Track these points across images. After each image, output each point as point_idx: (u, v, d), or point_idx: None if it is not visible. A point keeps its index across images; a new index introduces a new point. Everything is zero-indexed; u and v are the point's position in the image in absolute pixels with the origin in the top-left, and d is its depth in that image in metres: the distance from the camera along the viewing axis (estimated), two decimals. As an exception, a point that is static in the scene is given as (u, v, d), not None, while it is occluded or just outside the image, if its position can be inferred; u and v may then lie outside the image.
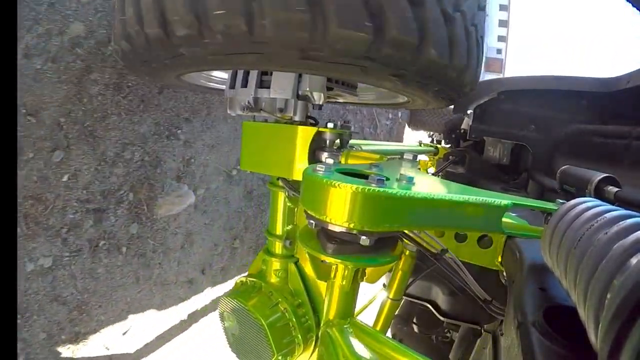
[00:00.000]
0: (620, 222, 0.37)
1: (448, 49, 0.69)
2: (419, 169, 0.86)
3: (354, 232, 0.53)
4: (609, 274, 0.33)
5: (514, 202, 0.56)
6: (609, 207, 0.44)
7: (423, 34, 0.63)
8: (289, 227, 1.01)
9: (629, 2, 0.96)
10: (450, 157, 1.55)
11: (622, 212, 0.41)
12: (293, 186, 0.96)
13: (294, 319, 0.92)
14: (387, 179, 0.54)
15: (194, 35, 0.60)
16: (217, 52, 0.64)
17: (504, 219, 0.58)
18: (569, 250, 0.42)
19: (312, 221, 0.56)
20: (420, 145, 1.78)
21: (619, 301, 0.29)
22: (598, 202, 0.48)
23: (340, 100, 1.32)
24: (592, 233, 0.40)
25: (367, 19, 0.59)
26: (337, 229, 0.54)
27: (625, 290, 0.29)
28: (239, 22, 0.57)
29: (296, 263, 1.00)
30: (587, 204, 0.47)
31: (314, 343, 0.97)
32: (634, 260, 0.31)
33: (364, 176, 0.55)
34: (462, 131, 1.74)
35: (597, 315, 0.33)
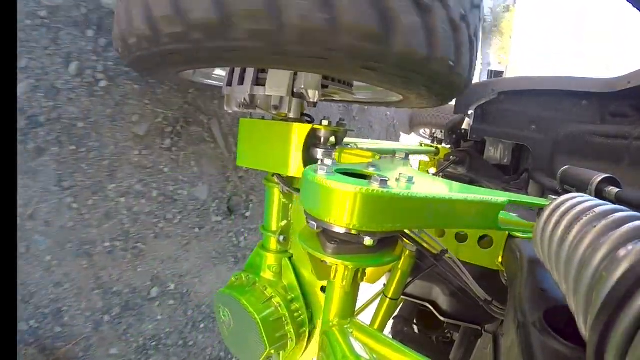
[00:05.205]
0: (609, 216, 0.38)
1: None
2: (411, 166, 0.86)
3: (356, 233, 0.53)
4: (597, 265, 0.34)
5: (509, 199, 0.57)
6: (599, 202, 0.46)
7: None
8: (283, 222, 1.02)
9: (629, 2, 0.96)
10: (451, 157, 1.55)
11: (611, 206, 0.42)
12: (288, 182, 0.97)
13: (287, 314, 0.93)
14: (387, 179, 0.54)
15: (267, 32, 0.57)
16: (290, 54, 0.61)
17: (502, 217, 0.58)
18: (559, 243, 0.44)
19: (313, 222, 0.56)
20: (421, 146, 1.78)
21: (606, 292, 0.30)
22: (588, 197, 0.49)
23: (336, 98, 1.31)
24: (581, 226, 0.41)
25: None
26: (340, 230, 0.54)
27: (613, 281, 0.30)
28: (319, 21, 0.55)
29: (290, 258, 1.01)
30: (578, 199, 0.48)
31: (306, 338, 0.98)
32: (622, 252, 0.32)
33: (364, 176, 0.55)
34: (462, 132, 1.74)
35: (586, 305, 0.34)
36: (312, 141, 0.87)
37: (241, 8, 0.55)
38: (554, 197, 0.56)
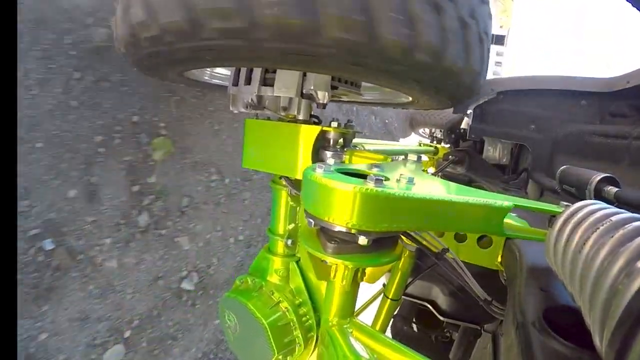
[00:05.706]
0: (627, 226, 0.37)
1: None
2: (423, 169, 0.86)
3: (353, 231, 0.53)
4: (614, 278, 0.32)
5: (515, 203, 0.56)
6: (615, 210, 0.44)
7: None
8: (291, 226, 1.01)
9: (629, 2, 0.96)
10: (450, 157, 1.55)
11: (628, 215, 0.40)
12: (296, 185, 0.95)
13: (294, 319, 0.92)
14: (387, 179, 0.54)
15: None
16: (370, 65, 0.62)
17: (505, 220, 0.58)
18: (575, 254, 0.42)
19: (311, 220, 0.57)
20: (420, 146, 1.78)
21: (624, 306, 0.29)
22: (603, 204, 0.47)
23: (345, 99, 1.31)
24: (597, 236, 0.39)
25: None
26: (336, 228, 0.54)
27: (630, 295, 0.28)
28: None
29: (297, 262, 1.00)
30: (592, 206, 0.46)
31: (314, 342, 0.97)
32: (639, 264, 0.30)
33: (364, 176, 0.55)
34: (461, 131, 1.74)
35: (602, 320, 0.32)
36: (320, 143, 0.86)
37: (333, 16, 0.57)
38: (565, 203, 0.55)
